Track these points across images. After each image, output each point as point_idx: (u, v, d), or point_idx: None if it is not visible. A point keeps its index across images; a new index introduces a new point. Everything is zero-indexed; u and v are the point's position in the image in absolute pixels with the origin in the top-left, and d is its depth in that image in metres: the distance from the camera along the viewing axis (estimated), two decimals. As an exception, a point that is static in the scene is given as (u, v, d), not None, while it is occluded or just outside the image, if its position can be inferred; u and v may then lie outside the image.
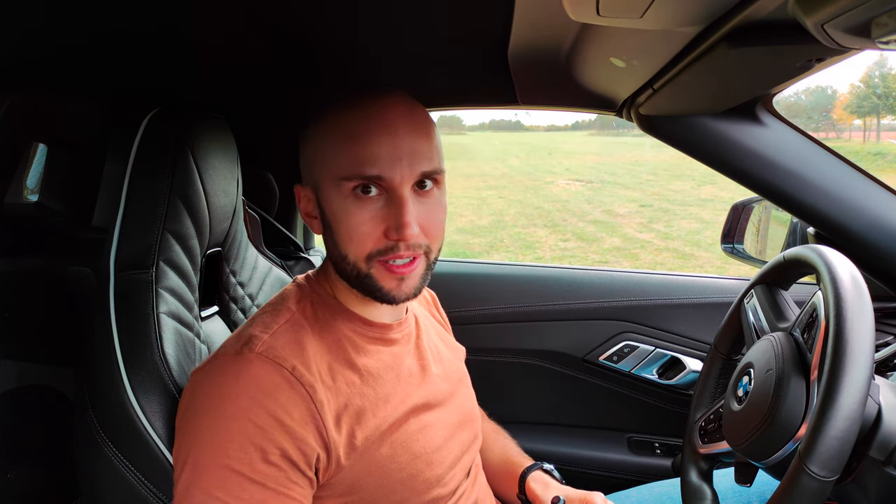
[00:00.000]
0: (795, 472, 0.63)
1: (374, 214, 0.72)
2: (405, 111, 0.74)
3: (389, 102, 0.73)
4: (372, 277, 0.74)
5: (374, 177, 0.70)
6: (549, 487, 0.94)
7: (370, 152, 0.70)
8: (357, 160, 0.70)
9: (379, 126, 0.71)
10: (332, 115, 0.74)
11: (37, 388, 1.01)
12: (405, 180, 0.71)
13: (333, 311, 0.79)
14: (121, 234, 0.85)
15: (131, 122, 0.88)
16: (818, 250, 0.79)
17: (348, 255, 0.73)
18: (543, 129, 73.18)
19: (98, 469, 0.79)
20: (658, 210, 11.55)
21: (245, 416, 0.65)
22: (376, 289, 0.74)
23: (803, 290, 1.20)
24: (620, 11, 0.61)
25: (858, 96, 34.40)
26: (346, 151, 0.71)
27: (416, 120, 0.74)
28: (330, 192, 0.73)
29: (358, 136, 0.71)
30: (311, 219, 0.79)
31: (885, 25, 0.45)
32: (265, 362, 0.68)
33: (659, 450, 1.47)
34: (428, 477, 0.78)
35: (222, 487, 0.63)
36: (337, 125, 0.73)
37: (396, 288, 0.74)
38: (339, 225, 0.73)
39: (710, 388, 1.02)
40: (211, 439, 0.65)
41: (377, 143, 0.70)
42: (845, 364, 0.64)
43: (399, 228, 0.70)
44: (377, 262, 0.73)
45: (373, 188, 0.71)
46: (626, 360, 1.46)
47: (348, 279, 0.76)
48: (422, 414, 0.81)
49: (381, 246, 0.72)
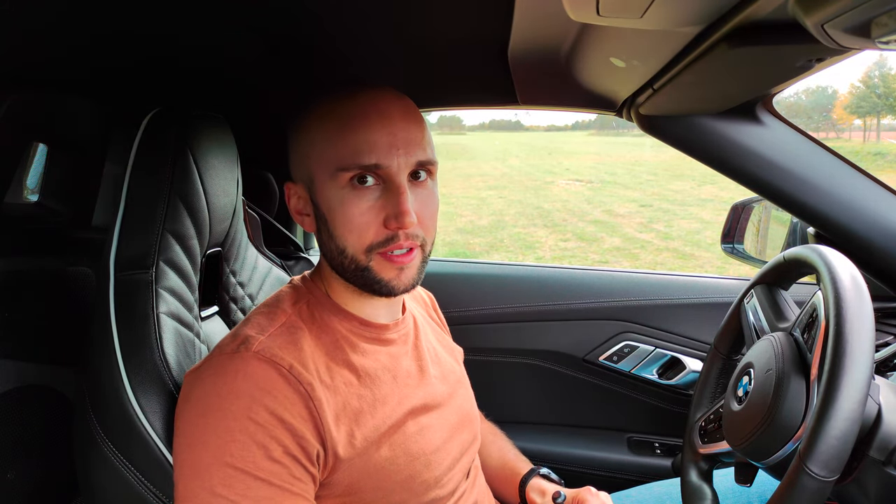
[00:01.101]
0: (795, 472, 0.63)
1: (372, 204, 0.71)
2: (397, 101, 0.74)
3: (383, 93, 0.74)
4: (371, 270, 0.73)
5: (372, 165, 0.70)
6: (546, 494, 0.94)
7: (367, 140, 0.70)
8: (353, 149, 0.70)
9: (374, 114, 0.71)
10: (323, 108, 0.74)
11: (37, 388, 1.01)
12: (402, 168, 0.71)
13: (330, 312, 0.79)
14: (121, 234, 0.85)
15: (131, 122, 0.88)
16: (818, 250, 0.79)
17: (346, 248, 0.73)
18: (543, 129, 73.20)
19: (98, 469, 0.79)
20: (658, 210, 11.55)
21: (245, 415, 0.65)
22: (375, 281, 0.74)
23: (803, 290, 1.20)
24: (620, 11, 0.61)
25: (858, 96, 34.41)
26: (341, 141, 0.71)
27: (408, 109, 0.74)
28: (325, 184, 0.73)
29: (353, 125, 0.71)
30: (303, 216, 0.79)
31: (885, 25, 0.45)
32: (262, 361, 0.68)
33: (659, 450, 1.47)
34: (426, 478, 0.78)
35: (228, 486, 0.63)
36: (330, 116, 0.73)
37: (396, 278, 0.74)
38: (336, 217, 0.72)
39: (710, 388, 1.02)
40: (212, 439, 0.65)
41: (373, 130, 0.70)
42: (845, 364, 0.64)
43: (399, 216, 0.70)
44: (376, 254, 0.73)
45: (369, 178, 0.71)
46: (626, 360, 1.46)
47: (345, 274, 0.76)
48: (420, 415, 0.81)
49: (381, 237, 0.72)
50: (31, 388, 1.00)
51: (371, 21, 0.91)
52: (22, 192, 1.21)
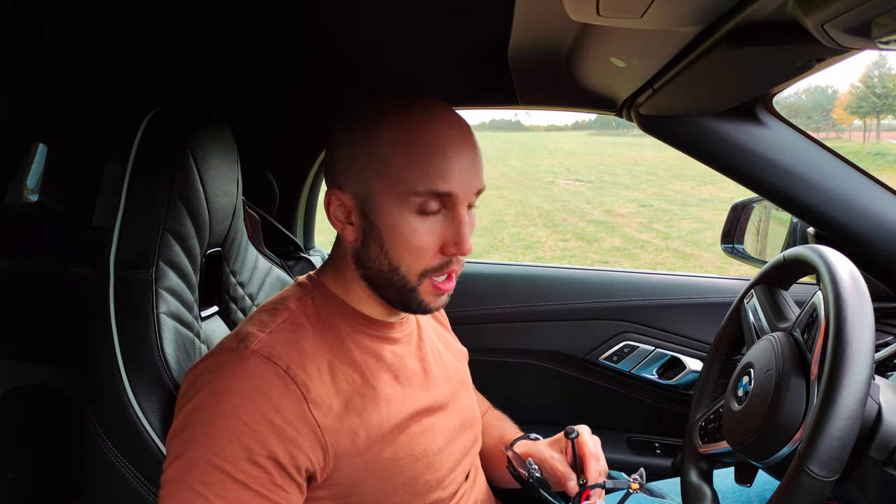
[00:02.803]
0: (795, 472, 0.63)
1: (433, 230, 0.72)
2: (465, 127, 0.74)
3: (455, 118, 0.74)
4: (417, 291, 0.74)
5: (444, 193, 0.70)
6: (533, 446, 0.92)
7: (444, 170, 0.70)
8: (430, 176, 0.70)
9: (452, 143, 0.71)
10: (399, 127, 0.71)
11: (37, 388, 1.01)
12: (467, 197, 0.72)
13: (334, 309, 0.79)
14: (121, 234, 0.85)
15: (131, 122, 0.88)
16: (818, 250, 0.79)
17: (401, 268, 0.73)
18: (543, 129, 73.19)
19: (98, 468, 0.79)
20: (658, 210, 11.55)
21: (235, 414, 0.65)
22: (416, 301, 0.75)
23: (803, 290, 1.20)
24: (620, 11, 0.61)
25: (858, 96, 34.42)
26: (417, 166, 0.70)
27: (472, 137, 0.74)
28: (390, 204, 0.71)
29: (434, 152, 0.70)
30: (345, 224, 0.76)
31: (885, 25, 0.45)
32: (260, 360, 0.68)
33: (659, 450, 1.47)
34: (428, 479, 0.78)
35: (205, 484, 0.63)
36: (408, 138, 0.71)
37: (435, 301, 0.76)
38: (396, 238, 0.72)
39: (710, 388, 1.02)
40: (201, 435, 0.65)
41: (450, 160, 0.70)
42: (845, 364, 0.63)
43: (459, 244, 0.71)
44: (428, 279, 0.74)
45: (435, 204, 0.71)
46: (626, 360, 1.46)
47: (387, 289, 0.75)
48: (424, 417, 0.81)
49: (437, 262, 0.73)
50: (31, 388, 1.00)
51: (371, 21, 0.91)
52: (22, 192, 1.22)
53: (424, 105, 0.74)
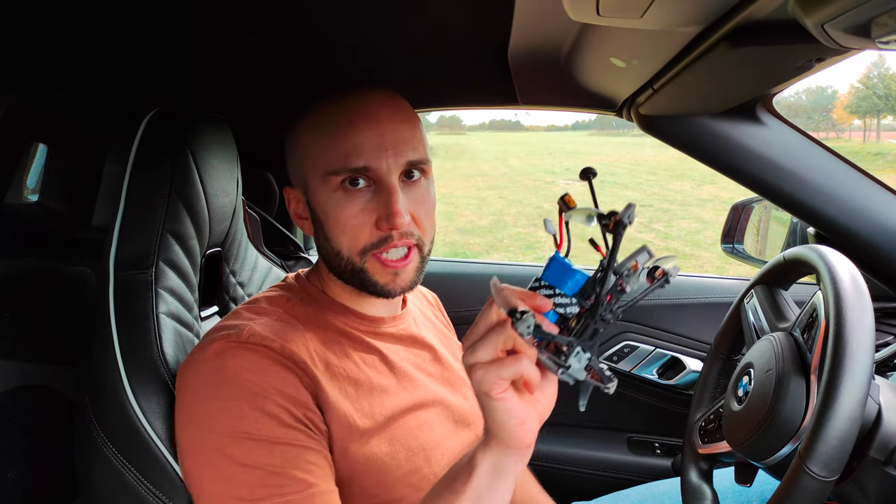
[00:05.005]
0: (795, 472, 0.63)
1: (364, 206, 0.72)
2: (388, 102, 0.74)
3: (371, 95, 0.74)
4: (366, 272, 0.74)
5: (361, 168, 0.71)
6: None
7: (354, 143, 0.71)
8: (342, 153, 0.71)
9: (361, 117, 0.72)
10: (312, 113, 0.75)
11: (37, 388, 1.01)
12: (392, 170, 0.72)
13: (324, 307, 0.79)
14: (120, 234, 0.85)
15: (131, 122, 0.88)
16: (818, 250, 0.79)
17: (342, 251, 0.74)
18: (543, 129, 73.23)
19: (98, 469, 0.79)
20: (658, 210, 11.55)
21: (249, 391, 0.66)
22: (371, 283, 0.75)
23: (803, 290, 1.20)
24: (620, 11, 0.61)
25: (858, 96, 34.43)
26: (330, 145, 0.72)
27: (399, 110, 0.75)
28: (318, 188, 0.74)
29: (341, 129, 0.72)
30: (302, 220, 0.80)
31: (885, 25, 0.45)
32: (252, 348, 0.69)
33: (659, 450, 1.47)
34: (427, 473, 0.78)
35: (250, 456, 0.63)
36: (318, 122, 0.74)
37: (392, 282, 0.75)
38: (330, 220, 0.74)
39: (710, 388, 1.02)
40: (221, 419, 0.65)
41: (361, 134, 0.71)
42: (845, 364, 0.63)
43: (390, 217, 0.71)
44: (371, 256, 0.74)
45: (360, 180, 0.72)
46: (626, 360, 1.46)
47: (342, 275, 0.77)
48: (419, 411, 0.81)
49: (375, 238, 0.73)
50: (31, 388, 1.00)
51: (371, 21, 0.91)
52: (22, 192, 1.22)
53: (343, 91, 0.75)
